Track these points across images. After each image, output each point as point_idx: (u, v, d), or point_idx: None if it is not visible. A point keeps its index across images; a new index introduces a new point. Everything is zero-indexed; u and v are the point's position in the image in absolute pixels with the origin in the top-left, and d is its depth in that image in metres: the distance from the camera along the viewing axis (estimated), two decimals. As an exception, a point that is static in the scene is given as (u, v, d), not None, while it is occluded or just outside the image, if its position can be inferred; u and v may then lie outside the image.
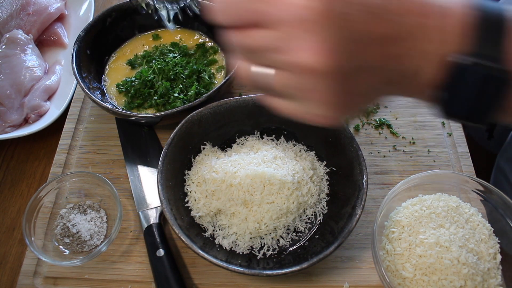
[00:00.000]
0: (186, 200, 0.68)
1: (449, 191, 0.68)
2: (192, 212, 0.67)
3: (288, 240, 0.66)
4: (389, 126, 0.82)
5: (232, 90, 0.86)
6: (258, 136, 0.75)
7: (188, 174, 0.70)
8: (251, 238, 0.65)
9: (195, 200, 0.67)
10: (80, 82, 0.75)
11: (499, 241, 0.63)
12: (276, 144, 0.74)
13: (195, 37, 0.89)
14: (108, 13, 0.84)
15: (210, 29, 0.87)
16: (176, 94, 0.78)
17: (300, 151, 0.73)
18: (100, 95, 0.79)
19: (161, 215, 0.68)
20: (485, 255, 0.61)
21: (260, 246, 0.65)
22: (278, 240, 0.66)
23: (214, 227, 0.67)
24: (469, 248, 0.60)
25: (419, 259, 0.60)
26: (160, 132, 0.80)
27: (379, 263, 0.59)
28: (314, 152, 0.73)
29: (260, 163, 0.66)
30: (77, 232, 0.67)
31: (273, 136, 0.75)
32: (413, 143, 0.80)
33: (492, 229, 0.64)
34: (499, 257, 0.62)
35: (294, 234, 0.67)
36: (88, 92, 0.73)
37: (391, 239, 0.63)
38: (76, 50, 0.78)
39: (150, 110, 0.79)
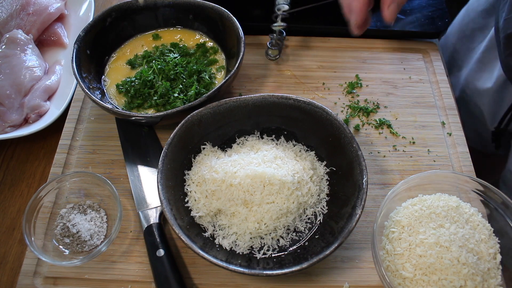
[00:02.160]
0: (186, 200, 0.68)
1: (449, 191, 0.68)
2: (192, 212, 0.67)
3: (288, 240, 0.66)
4: (389, 126, 0.82)
5: (232, 90, 0.86)
6: (258, 136, 0.75)
7: (188, 174, 0.70)
8: (251, 238, 0.65)
9: (195, 200, 0.67)
10: (80, 82, 0.75)
11: (499, 241, 0.63)
12: (276, 144, 0.74)
13: (195, 37, 0.89)
14: (108, 13, 0.84)
15: (210, 29, 0.88)
16: (176, 94, 0.78)
17: (300, 151, 0.73)
18: (100, 95, 0.79)
19: (161, 215, 0.68)
20: (485, 255, 0.61)
21: (260, 246, 0.65)
22: (278, 240, 0.66)
23: (214, 227, 0.67)
24: (469, 248, 0.60)
25: (419, 259, 0.60)
26: (160, 132, 0.80)
27: (379, 263, 0.59)
28: (314, 152, 0.73)
29: (260, 163, 0.66)
30: (77, 232, 0.67)
31: (273, 136, 0.75)
32: (413, 143, 0.80)
33: (492, 229, 0.64)
34: (499, 257, 0.62)
35: (294, 234, 0.67)
36: (88, 92, 0.73)
37: (391, 239, 0.63)
38: (76, 50, 0.78)
39: (150, 110, 0.79)
